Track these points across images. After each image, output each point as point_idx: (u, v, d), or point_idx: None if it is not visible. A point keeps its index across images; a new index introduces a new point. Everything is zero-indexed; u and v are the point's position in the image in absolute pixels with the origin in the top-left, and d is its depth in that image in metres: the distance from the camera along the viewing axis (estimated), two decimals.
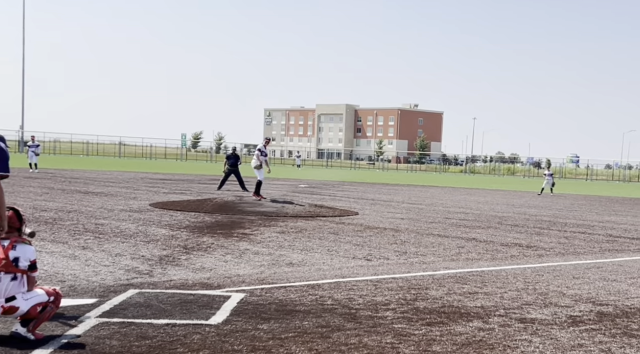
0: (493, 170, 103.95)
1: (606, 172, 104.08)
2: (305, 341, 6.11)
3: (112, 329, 6.20)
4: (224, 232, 13.81)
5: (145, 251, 10.87)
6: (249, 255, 10.99)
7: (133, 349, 5.63)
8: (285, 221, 16.36)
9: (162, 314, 6.84)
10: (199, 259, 10.33)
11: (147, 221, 15.15)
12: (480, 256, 12.21)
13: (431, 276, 9.88)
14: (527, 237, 15.76)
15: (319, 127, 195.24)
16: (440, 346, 6.14)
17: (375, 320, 6.99)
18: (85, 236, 12.27)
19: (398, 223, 17.43)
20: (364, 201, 25.61)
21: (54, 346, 5.63)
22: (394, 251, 12.35)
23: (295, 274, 9.48)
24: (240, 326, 6.52)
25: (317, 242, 12.95)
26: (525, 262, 11.70)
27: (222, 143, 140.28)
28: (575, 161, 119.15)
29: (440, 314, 7.41)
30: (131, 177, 34.75)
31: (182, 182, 32.45)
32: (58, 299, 6.01)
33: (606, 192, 46.99)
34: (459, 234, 15.66)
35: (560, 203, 30.79)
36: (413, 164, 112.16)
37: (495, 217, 21.00)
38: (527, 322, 7.24)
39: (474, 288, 9.06)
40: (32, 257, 5.88)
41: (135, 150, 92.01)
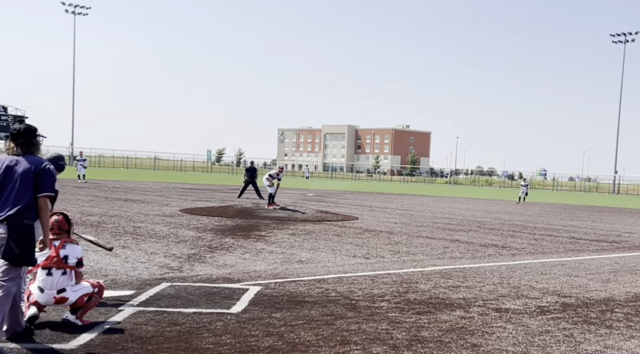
0: (473, 181, 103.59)
1: (569, 183, 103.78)
2: (312, 327, 6.10)
3: (147, 316, 6.21)
4: (243, 234, 13.80)
5: (176, 250, 10.87)
6: (264, 254, 10.98)
7: (165, 334, 5.64)
8: (295, 225, 16.34)
9: (190, 304, 6.84)
10: (222, 257, 10.33)
11: (177, 224, 15.15)
12: (462, 255, 12.17)
13: (420, 272, 9.86)
14: (502, 239, 15.70)
15: (324, 145, 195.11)
16: (428, 332, 6.13)
17: (372, 310, 6.98)
18: (125, 237, 12.28)
19: (392, 227, 17.39)
20: (363, 207, 25.57)
21: (98, 331, 5.64)
22: (388, 250, 12.32)
23: (304, 270, 9.47)
24: (257, 314, 6.52)
25: (323, 243, 12.93)
26: (501, 261, 11.65)
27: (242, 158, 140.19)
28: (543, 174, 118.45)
29: (428, 304, 7.40)
30: (164, 187, 34.77)
31: (208, 191, 32.45)
32: (101, 291, 6.03)
33: (569, 201, 46.78)
34: (444, 236, 15.61)
35: (530, 210, 30.66)
36: (405, 176, 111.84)
37: (475, 221, 20.93)
38: (502, 311, 7.21)
39: (457, 282, 9.04)
40: (79, 255, 5.92)
41: (167, 163, 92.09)
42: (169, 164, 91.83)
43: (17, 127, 5.27)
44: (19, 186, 5.05)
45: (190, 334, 5.66)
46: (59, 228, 5.94)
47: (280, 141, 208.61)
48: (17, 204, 4.97)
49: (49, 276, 5.71)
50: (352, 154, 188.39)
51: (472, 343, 5.84)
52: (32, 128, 5.32)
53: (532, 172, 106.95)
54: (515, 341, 5.96)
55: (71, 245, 5.91)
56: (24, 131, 5.25)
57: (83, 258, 6.04)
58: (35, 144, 5.31)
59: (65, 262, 5.78)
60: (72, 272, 5.84)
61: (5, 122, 79.41)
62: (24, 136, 5.24)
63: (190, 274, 8.65)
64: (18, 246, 4.88)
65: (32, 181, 5.09)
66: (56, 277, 5.72)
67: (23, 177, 5.08)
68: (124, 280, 8.01)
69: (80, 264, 5.93)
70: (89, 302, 5.83)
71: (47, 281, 5.71)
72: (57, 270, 5.73)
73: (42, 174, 5.14)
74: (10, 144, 5.24)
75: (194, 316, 6.32)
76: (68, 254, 5.83)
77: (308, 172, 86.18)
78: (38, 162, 5.19)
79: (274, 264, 9.93)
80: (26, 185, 5.06)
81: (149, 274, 8.55)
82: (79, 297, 5.77)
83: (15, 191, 5.02)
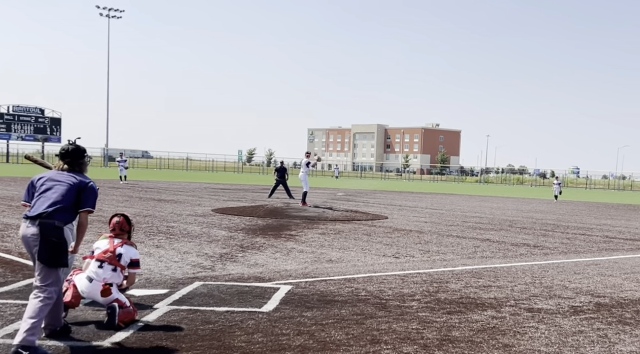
0: (504, 180, 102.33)
1: (603, 182, 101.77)
2: (342, 326, 6.10)
3: (181, 315, 6.28)
4: (274, 233, 13.86)
5: (208, 250, 10.97)
6: (295, 253, 11.01)
7: (199, 333, 5.70)
8: (325, 224, 16.35)
9: (223, 302, 6.89)
10: (253, 257, 10.39)
11: (209, 224, 15.29)
12: (494, 254, 12.04)
13: (451, 271, 9.78)
14: (534, 238, 15.48)
15: (354, 144, 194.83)
16: (459, 332, 6.08)
17: (402, 309, 6.95)
18: (158, 237, 12.44)
19: (422, 226, 17.28)
20: (393, 206, 25.46)
21: (133, 329, 5.72)
22: (418, 250, 12.25)
23: (334, 270, 9.47)
24: (288, 313, 6.54)
25: (353, 242, 12.92)
26: (533, 260, 11.50)
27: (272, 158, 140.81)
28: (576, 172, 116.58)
29: (458, 304, 7.33)
30: (196, 187, 35.12)
31: (239, 191, 32.68)
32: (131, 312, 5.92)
33: (603, 199, 45.90)
34: (475, 235, 15.46)
35: (563, 209, 30.18)
36: (435, 175, 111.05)
37: (507, 221, 20.68)
38: (534, 311, 7.12)
39: (488, 282, 8.94)
40: (134, 257, 6.09)
41: (199, 164, 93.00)
42: (201, 164, 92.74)
43: (66, 148, 5.47)
44: (57, 194, 5.19)
45: (223, 333, 5.71)
46: (120, 229, 6.19)
47: (310, 140, 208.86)
48: (50, 207, 5.09)
49: (100, 268, 5.89)
50: (382, 153, 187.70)
51: (503, 343, 5.78)
52: (80, 149, 5.52)
53: (565, 171, 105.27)
54: (548, 342, 5.88)
55: (128, 246, 6.10)
56: (72, 152, 5.46)
57: (139, 261, 6.16)
58: (83, 164, 5.51)
59: (118, 260, 5.94)
60: (122, 272, 5.98)
61: (42, 124, 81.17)
62: (71, 156, 5.44)
63: (223, 273, 8.72)
64: (49, 247, 4.98)
65: (73, 193, 5.22)
66: (106, 271, 5.90)
67: (64, 187, 5.22)
68: (158, 279, 8.11)
69: (135, 266, 6.08)
70: (123, 308, 5.88)
71: (97, 273, 5.87)
72: (108, 265, 5.91)
73: (86, 190, 5.30)
74: (59, 162, 5.44)
75: (226, 314, 6.37)
76: (123, 253, 6.01)
77: (337, 172, 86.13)
78: (83, 178, 5.36)
79: (304, 263, 9.95)
80: (65, 195, 5.19)
81: (182, 273, 8.64)
82: (119, 297, 5.86)
83: (53, 198, 5.16)
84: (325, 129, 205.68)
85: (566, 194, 48.95)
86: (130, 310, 5.89)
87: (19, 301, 6.58)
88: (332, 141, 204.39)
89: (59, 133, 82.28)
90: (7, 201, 19.72)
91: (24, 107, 79.83)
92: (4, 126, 77.71)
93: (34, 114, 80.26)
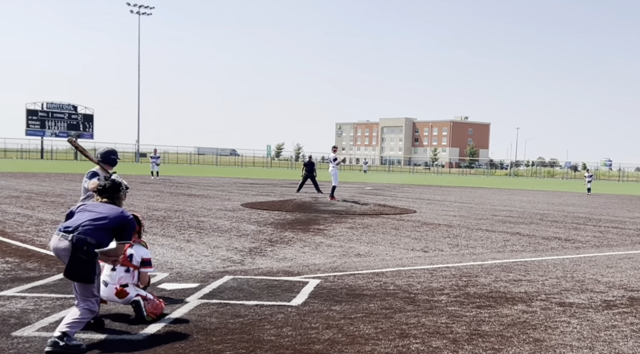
0: (535, 173, 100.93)
1: (636, 174, 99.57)
2: (371, 320, 6.10)
3: (211, 308, 6.34)
4: (302, 228, 13.89)
5: (238, 244, 11.04)
6: (323, 247, 11.02)
7: (229, 326, 5.74)
8: (353, 218, 16.33)
9: (252, 296, 6.94)
10: (282, 251, 10.43)
11: (239, 218, 15.39)
12: (524, 248, 11.89)
13: (480, 265, 9.69)
14: (565, 231, 15.25)
15: (382, 138, 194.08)
16: (489, 326, 6.02)
17: (431, 303, 6.91)
18: (189, 231, 12.56)
19: (451, 220, 17.15)
20: (421, 200, 25.32)
21: (165, 322, 5.79)
22: (447, 243, 12.16)
23: (363, 264, 9.46)
24: (317, 307, 6.55)
25: (381, 236, 12.88)
26: (564, 254, 11.33)
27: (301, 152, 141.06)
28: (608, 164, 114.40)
29: (488, 298, 7.26)
30: (226, 182, 35.37)
31: (267, 186, 32.82)
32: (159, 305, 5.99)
33: (636, 192, 44.98)
34: (505, 229, 15.29)
35: (595, 202, 29.66)
36: (464, 169, 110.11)
37: (537, 214, 20.41)
38: (566, 306, 7.01)
39: (518, 276, 8.84)
40: (145, 256, 6.12)
41: (229, 159, 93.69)
42: (230, 159, 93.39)
43: (103, 184, 5.66)
44: (95, 216, 5.28)
45: (253, 326, 5.74)
46: None
47: (337, 135, 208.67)
48: (86, 225, 5.16)
49: (113, 271, 5.93)
50: (410, 147, 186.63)
51: (534, 337, 5.70)
52: (116, 184, 5.68)
53: (597, 163, 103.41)
54: (580, 336, 5.78)
55: (138, 246, 6.14)
56: (109, 188, 5.63)
57: (151, 260, 6.22)
58: (120, 198, 5.68)
59: (129, 260, 6.00)
60: (136, 271, 6.03)
61: (75, 120, 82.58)
62: (109, 191, 5.62)
63: (252, 268, 8.77)
64: (77, 263, 5.05)
65: (112, 223, 5.30)
66: (119, 273, 5.94)
67: (104, 215, 5.30)
68: (189, 273, 8.19)
69: (145, 265, 6.11)
70: (147, 301, 5.93)
71: (111, 276, 5.92)
72: (121, 267, 5.95)
73: (127, 223, 5.41)
74: (97, 198, 5.61)
75: (256, 308, 6.40)
76: (133, 253, 6.05)
77: (366, 166, 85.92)
78: (124, 211, 5.49)
79: (332, 257, 9.96)
80: (103, 219, 5.26)
81: (212, 267, 8.71)
82: (138, 294, 5.93)
83: (91, 218, 5.25)
84: (353, 123, 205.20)
85: (598, 187, 48.09)
86: (157, 303, 5.96)
87: (53, 295, 6.71)
88: (360, 135, 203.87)
89: (92, 129, 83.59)
90: (42, 196, 20.12)
91: (58, 104, 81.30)
92: (39, 123, 79.28)
93: (67, 111, 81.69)
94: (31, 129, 79.15)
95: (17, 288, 6.99)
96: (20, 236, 11.15)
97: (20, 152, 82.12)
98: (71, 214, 5.43)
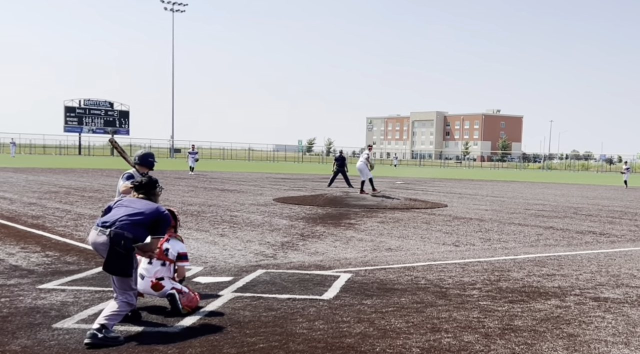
0: (568, 166, 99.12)
1: None
2: (402, 314, 6.09)
3: (244, 302, 6.40)
4: (334, 222, 13.91)
5: (270, 238, 11.11)
6: (354, 241, 11.03)
7: (262, 319, 5.80)
8: (384, 213, 16.29)
9: (284, 290, 6.98)
10: (314, 245, 10.47)
11: (271, 213, 15.48)
12: (557, 243, 11.71)
13: (513, 260, 9.58)
14: (600, 225, 14.97)
15: (412, 132, 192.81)
16: (522, 321, 5.96)
17: (463, 298, 6.87)
18: (222, 226, 12.68)
19: (482, 214, 16.98)
20: (452, 194, 25.10)
21: (200, 315, 5.88)
22: (479, 238, 12.05)
23: (394, 258, 9.44)
24: (348, 301, 6.57)
25: (412, 230, 12.83)
26: (599, 248, 11.13)
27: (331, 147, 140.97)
28: None
29: (521, 293, 7.19)
30: (258, 177, 35.58)
31: (299, 181, 32.92)
32: (194, 299, 6.07)
33: None
34: (538, 223, 15.07)
35: (631, 195, 29.01)
36: (496, 162, 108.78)
37: (571, 208, 20.06)
38: (601, 301, 6.90)
39: (551, 270, 8.72)
40: (181, 250, 6.20)
41: (261, 154, 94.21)
42: (262, 154, 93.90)
43: (139, 180, 5.77)
44: (132, 211, 5.37)
45: (285, 320, 5.79)
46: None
47: (368, 129, 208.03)
48: (123, 220, 5.25)
49: (149, 264, 6.04)
50: (441, 140, 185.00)
51: (568, 332, 5.63)
52: (152, 181, 5.79)
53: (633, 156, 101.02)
54: (615, 332, 5.69)
55: (174, 240, 6.23)
56: (146, 184, 5.74)
57: (187, 254, 6.30)
58: (155, 194, 5.79)
59: (165, 254, 6.09)
60: (171, 265, 6.12)
61: (111, 117, 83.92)
62: (145, 188, 5.73)
63: (284, 262, 8.82)
64: (115, 258, 5.15)
65: (149, 218, 5.38)
66: (155, 266, 6.04)
67: (141, 210, 5.39)
68: (222, 267, 8.28)
69: (183, 259, 6.20)
70: (182, 294, 6.01)
71: (147, 269, 6.03)
72: (157, 260, 6.05)
73: (162, 218, 5.49)
74: (134, 194, 5.72)
75: (288, 301, 6.45)
76: (169, 247, 6.14)
77: (396, 160, 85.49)
78: (159, 207, 5.57)
79: (363, 251, 9.96)
80: (140, 215, 5.34)
81: (246, 261, 8.79)
82: (173, 287, 6.01)
83: (128, 213, 5.34)
84: (384, 118, 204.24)
85: (634, 180, 46.99)
86: (192, 296, 6.04)
87: (92, 288, 6.86)
88: (390, 129, 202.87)
89: (127, 125, 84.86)
90: (80, 191, 20.53)
91: (94, 100, 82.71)
92: (76, 120, 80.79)
93: (103, 108, 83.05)
94: (69, 126, 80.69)
95: (57, 281, 7.17)
96: (60, 230, 11.41)
97: (58, 148, 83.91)
98: (109, 209, 5.53)
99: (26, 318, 5.68)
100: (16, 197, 17.71)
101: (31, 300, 6.30)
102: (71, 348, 4.92)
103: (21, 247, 9.48)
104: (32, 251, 9.18)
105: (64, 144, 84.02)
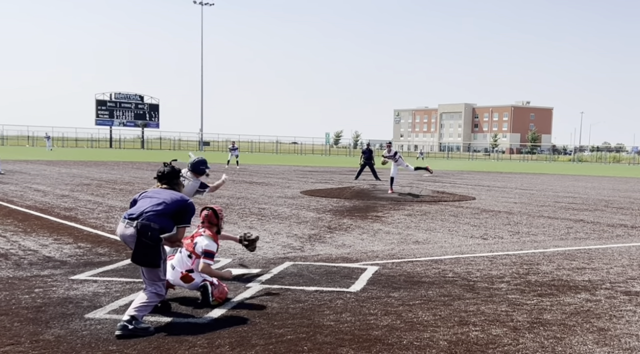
0: (599, 159, 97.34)
1: None
2: (430, 307, 6.06)
3: (273, 294, 6.44)
4: (361, 215, 13.89)
5: (298, 231, 11.14)
6: (381, 234, 11.00)
7: (289, 311, 5.83)
8: (411, 205, 16.20)
9: (312, 282, 7.00)
10: (341, 238, 10.46)
11: (298, 205, 15.51)
12: (588, 236, 11.52)
13: (542, 253, 9.46)
14: (632, 218, 14.68)
15: (440, 124, 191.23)
16: (551, 315, 5.88)
17: (491, 291, 6.80)
18: (250, 218, 12.76)
19: (511, 207, 16.78)
20: (481, 187, 24.85)
21: (229, 307, 5.93)
22: (507, 231, 11.91)
23: (421, 251, 9.39)
24: (375, 293, 6.56)
25: (439, 223, 12.74)
26: (630, 241, 10.91)
27: (359, 140, 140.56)
28: None
29: (550, 286, 7.09)
30: (285, 170, 35.67)
31: (326, 174, 32.92)
32: (223, 291, 6.13)
33: None
34: (568, 216, 14.84)
35: None
36: (525, 155, 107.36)
37: (602, 201, 19.70)
38: (632, 295, 6.77)
39: (581, 264, 8.58)
40: (206, 247, 6.26)
41: (288, 147, 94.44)
42: (290, 147, 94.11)
43: (162, 170, 5.74)
44: (157, 201, 5.39)
45: (313, 312, 5.81)
46: (209, 222, 6.50)
47: (396, 122, 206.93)
48: (150, 211, 5.29)
49: (179, 254, 6.15)
50: (469, 133, 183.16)
51: (598, 326, 5.54)
52: (175, 170, 5.77)
53: None
54: None
55: (206, 238, 6.31)
56: (168, 174, 5.72)
57: (214, 253, 6.34)
58: (179, 184, 5.78)
59: (193, 247, 6.18)
60: (198, 260, 6.19)
61: (142, 110, 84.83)
62: (168, 177, 5.71)
63: (312, 254, 8.84)
64: (143, 249, 5.20)
65: (174, 207, 5.39)
66: (183, 256, 6.16)
67: (166, 200, 5.41)
68: (251, 259, 8.34)
69: (207, 256, 6.24)
70: (214, 286, 6.07)
71: (178, 260, 6.13)
72: (185, 251, 6.17)
73: (186, 207, 5.47)
74: (157, 184, 5.72)
75: (316, 294, 6.47)
76: (198, 242, 6.26)
77: (421, 155, 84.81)
78: (183, 196, 5.58)
79: (390, 244, 9.92)
80: (165, 205, 5.36)
81: (274, 253, 8.84)
82: (205, 279, 6.08)
83: (153, 204, 5.37)
84: (412, 110, 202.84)
85: None
86: (223, 288, 6.09)
87: (123, 279, 6.97)
88: (418, 122, 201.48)
89: (157, 119, 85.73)
90: (111, 184, 20.84)
91: (125, 94, 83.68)
92: (107, 113, 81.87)
93: (134, 101, 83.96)
94: (100, 119, 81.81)
95: (89, 272, 7.30)
96: (92, 222, 11.60)
97: (90, 141, 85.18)
98: (134, 201, 5.59)
99: (59, 308, 5.80)
100: (49, 189, 18.05)
101: (64, 291, 6.42)
102: (103, 337, 5.01)
103: (54, 238, 9.67)
104: (65, 242, 9.36)
105: (95, 137, 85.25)
